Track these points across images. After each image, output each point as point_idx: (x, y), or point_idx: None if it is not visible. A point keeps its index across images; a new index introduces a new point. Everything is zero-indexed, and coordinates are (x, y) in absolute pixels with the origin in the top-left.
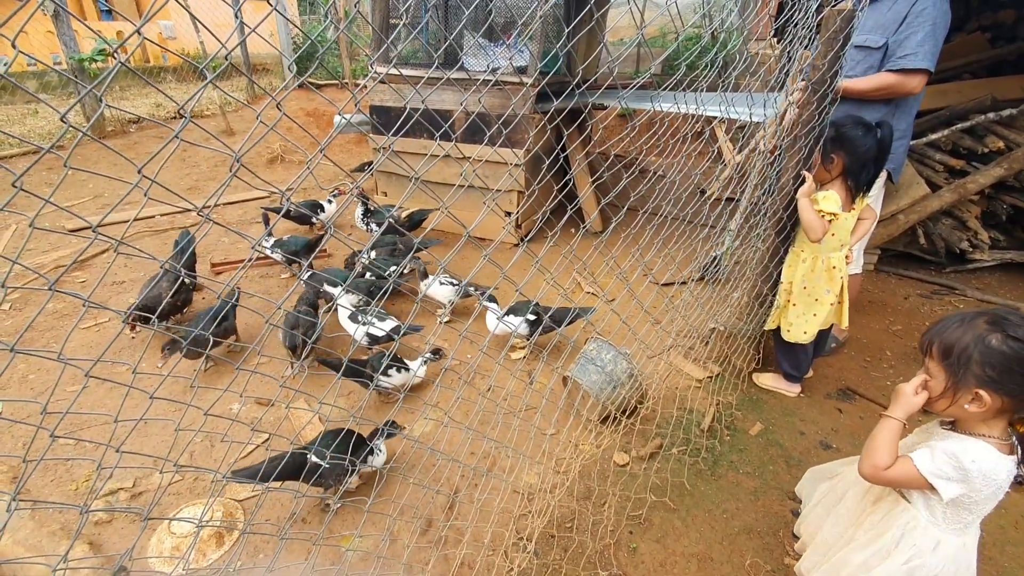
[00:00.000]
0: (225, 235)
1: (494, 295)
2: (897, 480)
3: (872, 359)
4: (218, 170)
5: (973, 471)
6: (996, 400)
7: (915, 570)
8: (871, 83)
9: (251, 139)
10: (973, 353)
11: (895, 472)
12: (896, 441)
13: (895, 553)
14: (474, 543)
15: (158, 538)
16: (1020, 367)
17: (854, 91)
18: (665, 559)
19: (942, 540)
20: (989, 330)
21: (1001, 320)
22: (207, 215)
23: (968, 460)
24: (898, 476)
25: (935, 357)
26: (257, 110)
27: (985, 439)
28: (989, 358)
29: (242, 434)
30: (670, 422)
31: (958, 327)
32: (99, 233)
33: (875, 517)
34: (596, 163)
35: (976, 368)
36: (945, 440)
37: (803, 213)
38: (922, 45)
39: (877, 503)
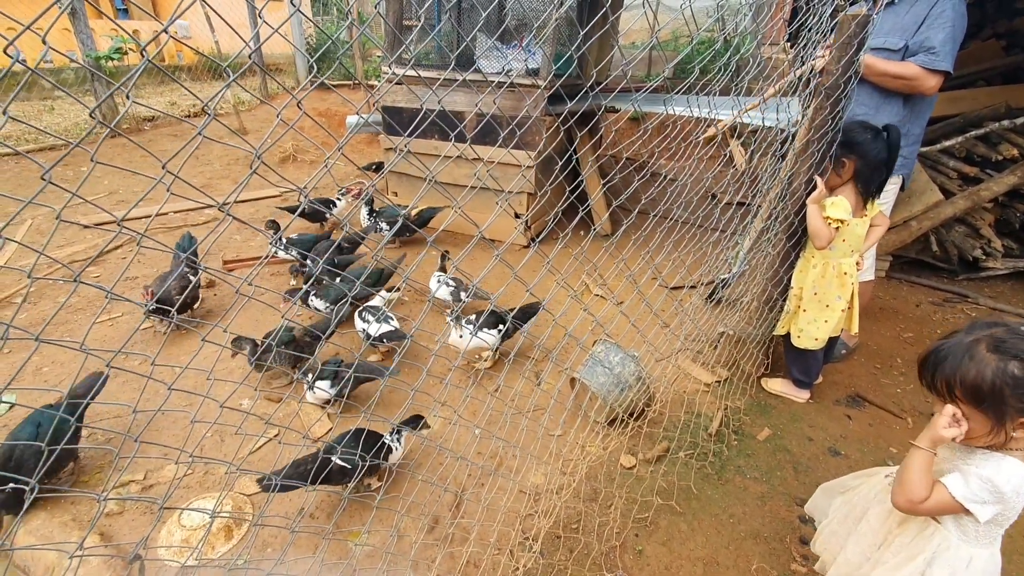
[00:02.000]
0: (237, 233)
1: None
2: (934, 511)
3: (882, 366)
4: (231, 168)
5: (1008, 491)
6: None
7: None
8: (894, 67)
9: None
10: (1003, 388)
11: (931, 504)
12: (929, 472)
13: (928, 573)
14: (480, 542)
15: (168, 531)
16: None
17: (875, 70)
18: (671, 562)
19: (974, 555)
20: (1001, 359)
21: (1000, 344)
22: (227, 211)
23: (1003, 481)
24: (934, 507)
25: (964, 401)
26: (276, 108)
27: (1017, 453)
28: (1019, 389)
29: (251, 429)
30: (677, 425)
31: (970, 365)
32: (123, 226)
33: (904, 539)
34: (607, 166)
35: (1013, 401)
36: (975, 464)
37: (810, 220)
38: (944, 45)
39: (904, 524)
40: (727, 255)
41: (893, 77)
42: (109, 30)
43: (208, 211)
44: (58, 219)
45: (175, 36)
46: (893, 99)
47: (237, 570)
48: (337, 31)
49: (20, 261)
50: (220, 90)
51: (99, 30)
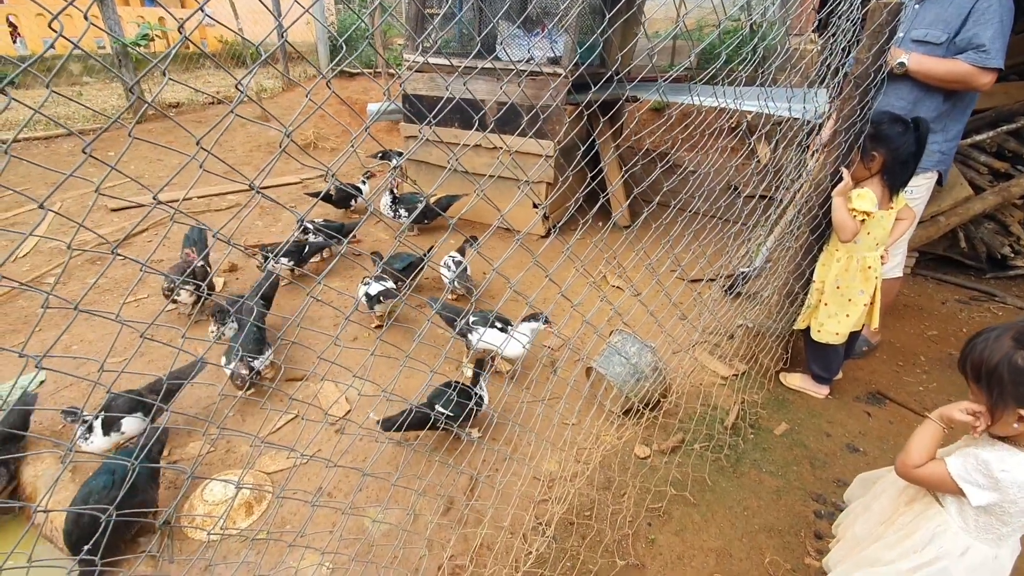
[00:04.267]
0: (259, 218)
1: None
2: (926, 480)
3: (905, 364)
4: (252, 156)
5: (1004, 480)
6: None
7: (940, 572)
8: (943, 66)
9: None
10: (1004, 374)
11: (926, 472)
12: (932, 443)
13: (922, 552)
14: (494, 525)
15: (190, 504)
16: None
17: (923, 70)
18: (683, 552)
19: (971, 547)
20: (1014, 348)
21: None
22: (257, 188)
23: (998, 470)
24: (928, 476)
25: (972, 379)
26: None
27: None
28: (1018, 377)
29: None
30: (693, 418)
31: (987, 346)
32: (158, 200)
33: (907, 517)
34: (626, 156)
35: (1011, 388)
36: (982, 448)
37: (836, 212)
38: (994, 42)
39: (911, 503)
40: (748, 248)
41: (943, 75)
42: (136, 16)
43: (231, 196)
44: (96, 192)
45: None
46: (934, 94)
47: (258, 544)
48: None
49: (47, 245)
50: (253, 67)
51: (126, 17)
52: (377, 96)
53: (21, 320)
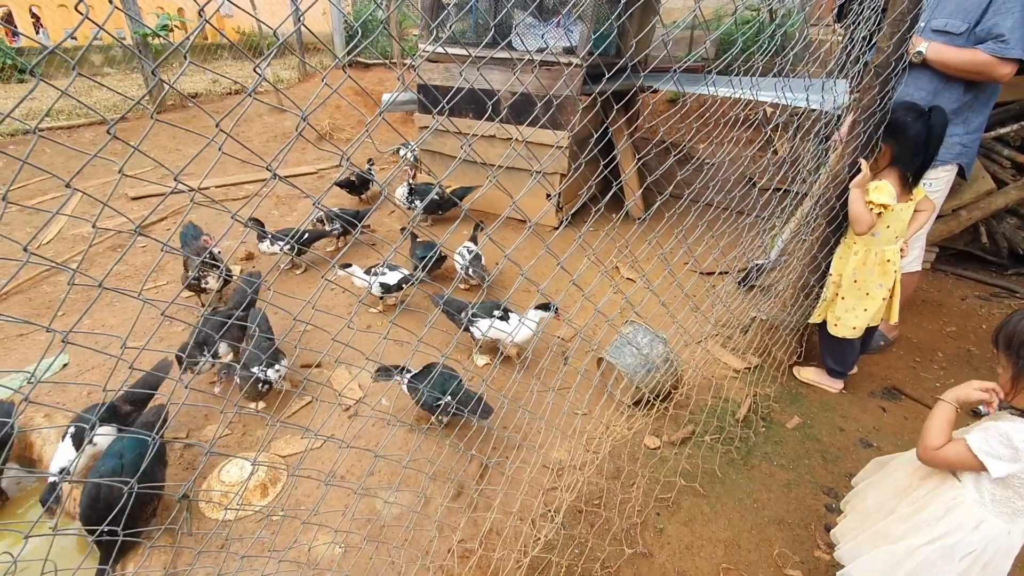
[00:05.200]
0: (275, 208)
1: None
2: (951, 460)
3: (922, 360)
4: (268, 146)
5: (1020, 445)
6: None
7: (954, 546)
8: (961, 56)
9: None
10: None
11: (948, 451)
12: (947, 425)
13: (935, 526)
14: (503, 510)
15: (207, 485)
16: None
17: (941, 60)
18: (692, 542)
19: (985, 521)
20: None
21: None
22: (275, 171)
23: (1019, 440)
24: (950, 455)
25: (1001, 348)
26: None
27: None
28: None
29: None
30: (704, 409)
31: (1021, 320)
32: (180, 181)
33: (921, 491)
34: (640, 146)
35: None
36: (1002, 421)
37: (852, 204)
38: (1014, 32)
39: (926, 479)
40: (763, 240)
41: (962, 65)
42: (155, 7)
43: (248, 186)
44: (120, 172)
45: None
46: (954, 84)
47: (272, 524)
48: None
49: (69, 232)
50: (271, 51)
51: (146, 7)
52: (391, 87)
53: (44, 305)
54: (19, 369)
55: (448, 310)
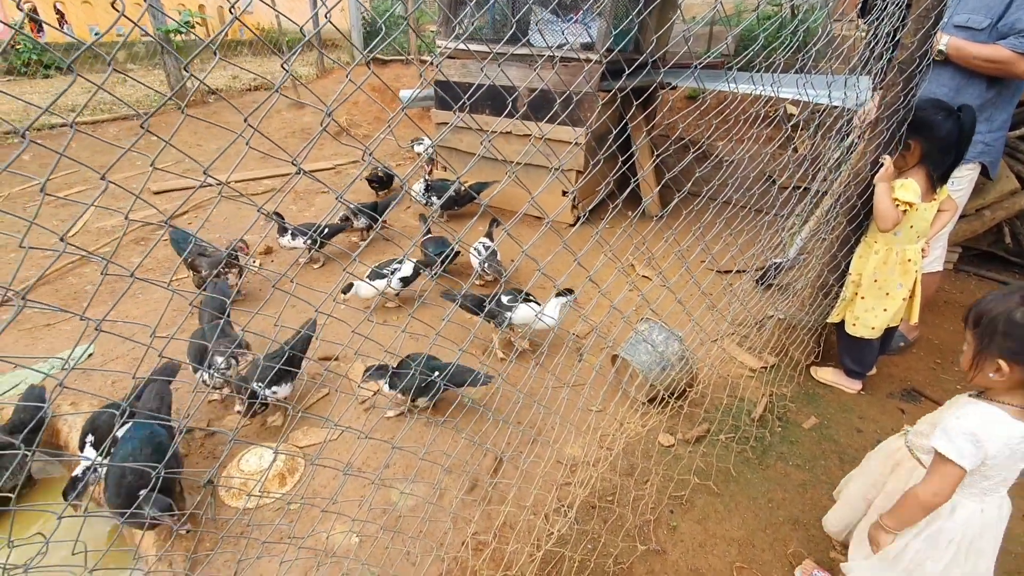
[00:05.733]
0: (293, 203)
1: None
2: (939, 486)
3: (942, 361)
4: (287, 142)
5: (982, 437)
6: (1017, 371)
7: (935, 535)
8: (983, 51)
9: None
10: (999, 324)
11: (932, 484)
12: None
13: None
14: (517, 504)
15: (227, 474)
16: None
17: (963, 53)
18: (705, 540)
19: (958, 505)
20: (1018, 304)
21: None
22: (300, 166)
23: (976, 427)
24: (935, 483)
25: (970, 326)
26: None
27: (1004, 405)
28: (1012, 330)
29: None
30: (719, 408)
31: (995, 300)
32: (208, 175)
33: (891, 486)
34: (658, 143)
35: (1000, 339)
36: (961, 417)
37: (879, 200)
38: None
39: (896, 468)
40: (782, 238)
41: (984, 61)
42: (177, 3)
43: (267, 181)
44: (152, 166)
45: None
46: (976, 81)
47: (290, 513)
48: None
49: (95, 225)
50: (297, 47)
51: (168, 3)
52: (408, 83)
53: (71, 296)
54: (51, 356)
55: (468, 305)
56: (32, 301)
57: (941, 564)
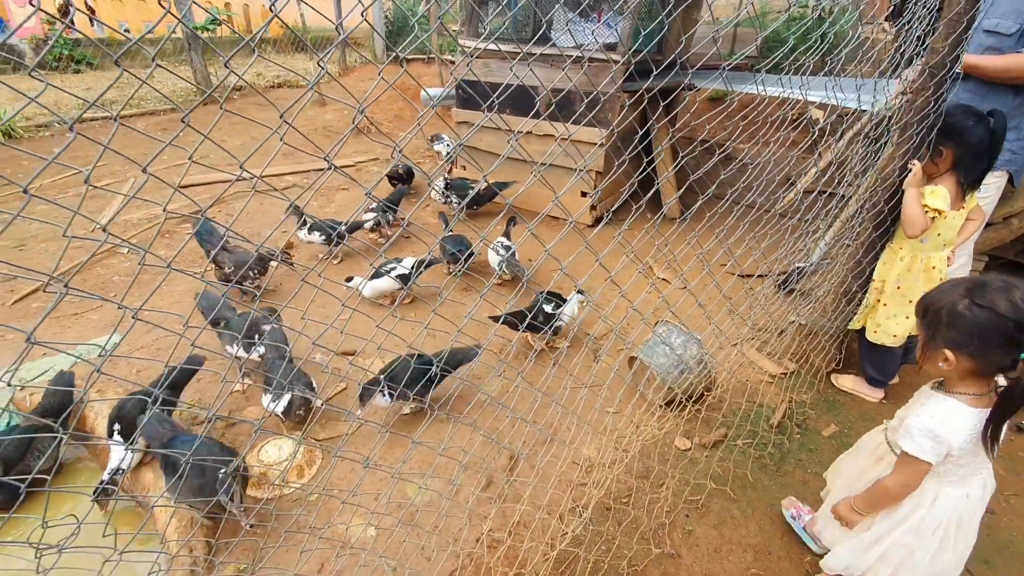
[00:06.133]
0: (313, 199)
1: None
2: (906, 480)
3: None
4: (310, 138)
5: (941, 432)
6: (963, 360)
7: (920, 523)
8: (1001, 63)
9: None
10: (943, 316)
11: (899, 477)
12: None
13: (898, 510)
14: (532, 503)
15: (247, 464)
16: (979, 331)
17: (980, 69)
18: (720, 545)
19: (940, 492)
20: (962, 295)
21: (976, 288)
22: (332, 162)
23: (936, 423)
24: (901, 478)
25: (919, 316)
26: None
27: (959, 396)
28: (954, 321)
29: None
30: (737, 413)
31: (942, 291)
32: (244, 169)
33: (875, 475)
34: (678, 147)
35: (944, 330)
36: (919, 415)
37: (908, 204)
38: None
39: (879, 462)
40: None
41: (1002, 72)
42: (204, 1)
43: (288, 178)
44: (190, 160)
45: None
46: (1001, 89)
47: (308, 504)
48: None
49: (122, 217)
50: (329, 50)
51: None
52: (428, 82)
53: (99, 286)
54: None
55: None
56: (74, 289)
57: (930, 551)
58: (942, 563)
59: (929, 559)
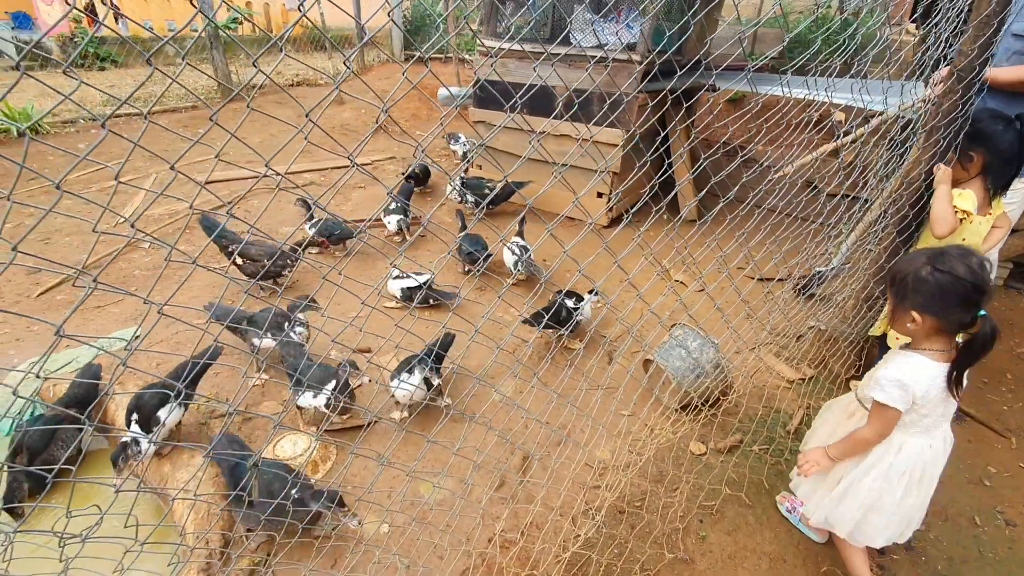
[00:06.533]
0: (332, 198)
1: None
2: (880, 427)
3: (990, 381)
4: (326, 138)
5: (907, 381)
6: (928, 320)
7: (888, 470)
8: (1010, 75)
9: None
10: (909, 282)
11: (873, 427)
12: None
13: (867, 458)
14: (544, 505)
15: None
16: (940, 293)
17: (999, 82)
18: (735, 552)
19: (905, 442)
20: (923, 263)
21: (937, 256)
22: (354, 160)
23: (902, 374)
24: (876, 426)
25: (888, 284)
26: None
27: (924, 352)
28: (918, 286)
29: None
30: (754, 419)
31: (906, 260)
32: (270, 167)
33: (848, 430)
34: (697, 149)
35: (911, 294)
36: (888, 367)
37: (938, 203)
38: None
39: (851, 418)
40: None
41: (1018, 83)
42: None
43: (306, 175)
44: (216, 158)
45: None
46: None
47: None
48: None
49: (142, 212)
50: (355, 50)
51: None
52: (446, 81)
53: (121, 280)
54: (103, 335)
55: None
56: (103, 284)
57: (896, 496)
58: (906, 507)
59: (895, 503)
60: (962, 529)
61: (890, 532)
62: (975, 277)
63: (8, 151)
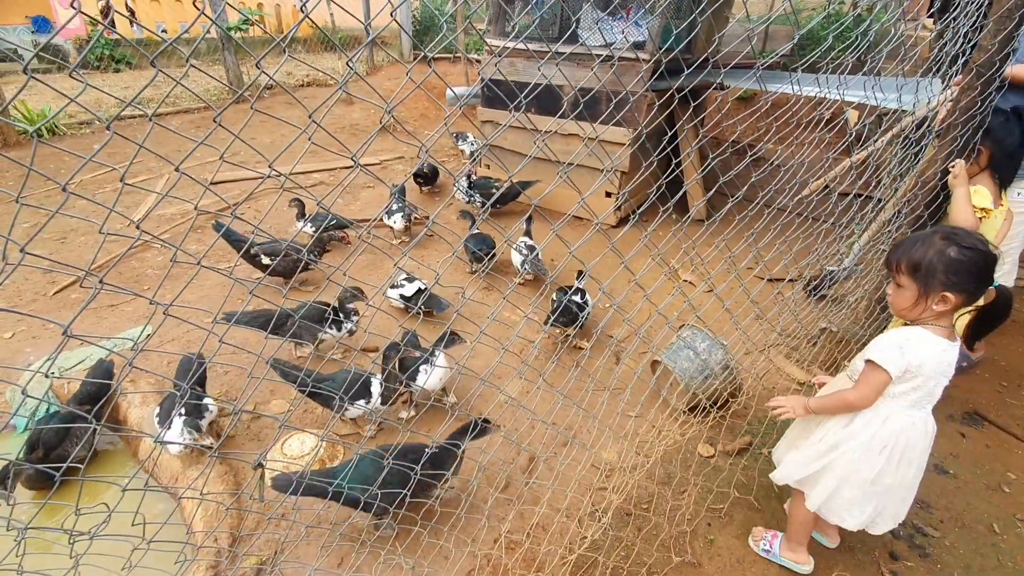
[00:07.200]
0: (340, 197)
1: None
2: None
3: (1009, 384)
4: (337, 136)
5: (907, 348)
6: (958, 298)
7: (871, 440)
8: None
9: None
10: (938, 264)
11: (862, 386)
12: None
13: (852, 424)
14: (551, 506)
15: (271, 457)
16: (974, 270)
17: (1021, 79)
18: (744, 556)
19: (891, 414)
20: (946, 244)
21: (951, 235)
22: (358, 160)
23: (903, 340)
24: (869, 384)
25: (905, 272)
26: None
27: (930, 327)
28: (950, 266)
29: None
30: (763, 421)
31: (920, 246)
32: (274, 169)
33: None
34: (705, 148)
35: (941, 276)
36: (891, 335)
37: (958, 205)
38: None
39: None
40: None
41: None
42: (237, 2)
43: (315, 175)
44: (221, 159)
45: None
46: None
47: None
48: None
49: (154, 213)
50: (360, 49)
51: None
52: (453, 81)
53: (133, 279)
54: (115, 334)
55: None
56: (109, 284)
57: (874, 471)
58: (883, 485)
59: (872, 477)
60: (980, 536)
61: (861, 513)
62: (989, 248)
63: (26, 153)
